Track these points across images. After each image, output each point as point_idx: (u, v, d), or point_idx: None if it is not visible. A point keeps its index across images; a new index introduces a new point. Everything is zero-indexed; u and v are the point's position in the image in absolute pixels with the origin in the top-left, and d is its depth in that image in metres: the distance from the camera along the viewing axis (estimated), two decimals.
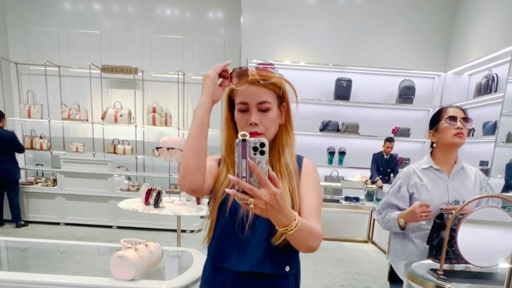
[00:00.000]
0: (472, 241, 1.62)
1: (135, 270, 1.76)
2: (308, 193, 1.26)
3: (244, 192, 0.92)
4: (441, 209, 1.97)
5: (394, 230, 2.16)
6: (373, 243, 6.16)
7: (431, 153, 2.14)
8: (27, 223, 6.21)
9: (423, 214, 1.94)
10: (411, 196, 2.12)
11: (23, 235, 5.73)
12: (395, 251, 2.23)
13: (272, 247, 1.23)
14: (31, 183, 6.46)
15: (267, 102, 1.23)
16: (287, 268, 1.30)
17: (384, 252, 5.61)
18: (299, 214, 1.18)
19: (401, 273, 2.07)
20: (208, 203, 1.37)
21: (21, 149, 6.14)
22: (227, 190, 0.94)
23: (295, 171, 1.28)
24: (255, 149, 0.90)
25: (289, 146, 1.31)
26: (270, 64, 1.27)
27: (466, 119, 1.99)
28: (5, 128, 6.01)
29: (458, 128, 1.96)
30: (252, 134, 1.21)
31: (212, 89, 1.19)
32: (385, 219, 2.17)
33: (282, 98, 1.30)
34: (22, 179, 6.69)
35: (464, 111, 2.03)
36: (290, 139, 1.33)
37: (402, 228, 2.09)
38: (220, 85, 1.22)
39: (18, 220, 6.06)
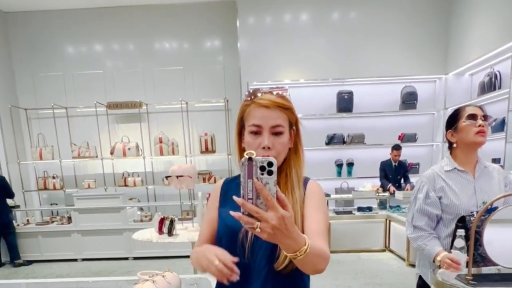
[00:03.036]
0: (499, 241, 1.57)
1: None
2: (314, 214, 1.20)
3: (250, 215, 0.85)
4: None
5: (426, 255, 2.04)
6: (391, 251, 6.07)
7: (451, 153, 2.06)
8: (30, 262, 6.29)
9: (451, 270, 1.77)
10: (440, 200, 2.02)
11: (38, 273, 5.82)
12: (423, 261, 2.16)
13: (274, 272, 1.17)
14: (47, 223, 6.53)
15: (281, 126, 1.20)
16: None
17: (403, 260, 5.54)
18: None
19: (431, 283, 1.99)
20: None
21: (11, 194, 6.23)
22: (232, 213, 0.87)
23: (299, 196, 1.23)
24: (262, 168, 0.84)
25: (298, 169, 1.28)
26: (283, 87, 1.26)
27: (485, 117, 1.92)
28: None
29: (479, 126, 1.89)
30: None
31: (211, 271, 1.06)
32: (421, 246, 2.01)
33: (292, 122, 1.26)
34: (38, 220, 6.80)
35: (482, 109, 1.96)
36: (299, 162, 1.29)
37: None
38: None
39: (16, 259, 6.15)
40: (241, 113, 1.26)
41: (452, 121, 2.01)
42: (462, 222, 1.86)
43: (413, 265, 5.28)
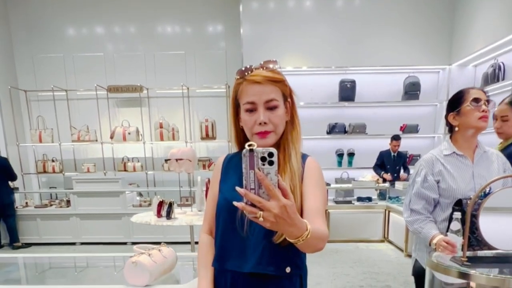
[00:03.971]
0: (495, 224, 1.55)
1: (150, 275, 1.74)
2: (312, 193, 1.22)
3: (252, 204, 0.87)
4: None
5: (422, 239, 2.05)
6: (390, 242, 6.06)
7: (451, 137, 2.03)
8: (29, 244, 6.30)
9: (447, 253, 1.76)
10: (437, 184, 2.00)
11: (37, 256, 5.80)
12: (419, 245, 2.16)
13: (272, 246, 1.20)
14: (45, 206, 6.53)
15: (275, 100, 1.20)
16: (288, 269, 1.25)
17: (402, 251, 5.53)
18: (301, 214, 1.18)
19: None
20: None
21: (13, 177, 6.23)
22: (235, 204, 0.88)
23: (298, 169, 1.24)
24: (263, 159, 0.85)
25: (295, 143, 1.28)
26: (273, 60, 1.25)
27: (488, 102, 1.88)
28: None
29: (483, 111, 1.85)
30: (262, 134, 1.21)
31: None
32: (417, 229, 2.02)
33: (286, 95, 1.26)
34: (37, 203, 6.80)
35: (485, 92, 1.92)
36: (296, 135, 1.29)
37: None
38: None
39: (14, 242, 6.16)
40: (234, 92, 1.27)
41: (455, 104, 1.96)
42: (459, 205, 1.84)
43: (411, 256, 5.28)
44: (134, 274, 1.76)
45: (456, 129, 1.98)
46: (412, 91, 6.53)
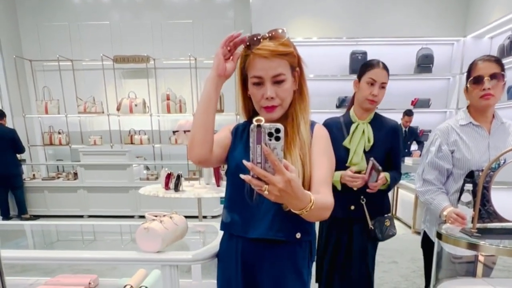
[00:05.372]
0: (507, 197, 1.54)
1: (162, 241, 1.72)
2: (319, 161, 1.23)
3: (259, 178, 0.90)
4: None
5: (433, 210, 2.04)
6: (397, 218, 6.03)
7: (468, 108, 1.99)
8: (37, 217, 6.33)
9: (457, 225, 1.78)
10: (452, 154, 1.98)
11: (45, 228, 5.84)
12: (430, 216, 2.14)
13: (281, 213, 1.22)
14: (53, 178, 6.54)
15: (282, 74, 1.20)
16: (298, 235, 1.29)
17: (410, 227, 5.52)
18: (310, 183, 1.21)
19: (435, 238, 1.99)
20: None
21: (21, 149, 6.17)
22: (242, 176, 0.92)
23: (307, 138, 1.26)
24: (270, 134, 0.87)
25: (303, 112, 1.28)
26: (280, 28, 1.20)
27: (494, 76, 1.79)
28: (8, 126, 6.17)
29: (484, 89, 1.80)
30: (269, 108, 1.23)
31: (216, 63, 1.21)
32: (428, 200, 2.00)
33: (294, 65, 1.25)
34: (44, 175, 6.80)
35: (497, 62, 1.82)
36: (304, 105, 1.30)
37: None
38: (232, 59, 1.23)
39: (23, 213, 6.20)
40: (242, 63, 1.27)
41: (467, 77, 1.92)
42: (470, 177, 1.83)
43: (418, 233, 5.26)
44: (146, 240, 1.75)
45: (468, 102, 1.96)
46: (424, 63, 6.36)
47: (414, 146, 6.35)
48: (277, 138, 0.87)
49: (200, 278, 2.48)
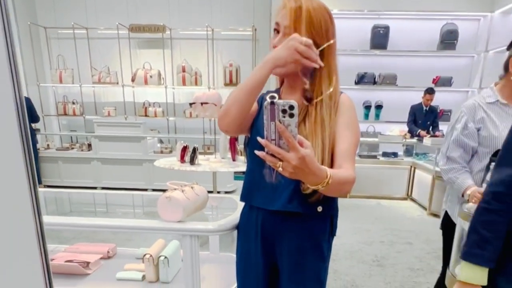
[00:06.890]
0: None
1: (183, 211, 1.69)
2: (343, 133, 1.20)
3: (273, 155, 0.90)
4: None
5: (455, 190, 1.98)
6: (413, 200, 5.95)
7: (496, 84, 1.90)
8: (50, 187, 6.27)
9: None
10: (478, 132, 1.91)
11: (58, 199, 5.90)
12: (452, 196, 2.07)
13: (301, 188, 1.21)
14: (67, 149, 6.54)
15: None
16: (319, 209, 1.27)
17: (425, 209, 5.43)
18: (333, 155, 1.18)
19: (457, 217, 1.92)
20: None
21: (36, 118, 6.11)
22: (256, 152, 0.92)
23: (334, 109, 1.22)
24: (284, 111, 0.86)
25: (330, 88, 1.22)
26: None
27: None
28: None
29: None
30: None
31: (291, 56, 1.12)
32: (451, 178, 1.95)
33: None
34: (57, 145, 6.82)
35: None
36: (332, 81, 1.23)
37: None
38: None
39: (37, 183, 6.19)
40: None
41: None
42: (497, 156, 1.70)
43: (434, 215, 5.18)
44: (168, 210, 1.71)
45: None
46: (449, 40, 6.11)
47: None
48: (291, 115, 0.86)
49: (217, 251, 2.46)
